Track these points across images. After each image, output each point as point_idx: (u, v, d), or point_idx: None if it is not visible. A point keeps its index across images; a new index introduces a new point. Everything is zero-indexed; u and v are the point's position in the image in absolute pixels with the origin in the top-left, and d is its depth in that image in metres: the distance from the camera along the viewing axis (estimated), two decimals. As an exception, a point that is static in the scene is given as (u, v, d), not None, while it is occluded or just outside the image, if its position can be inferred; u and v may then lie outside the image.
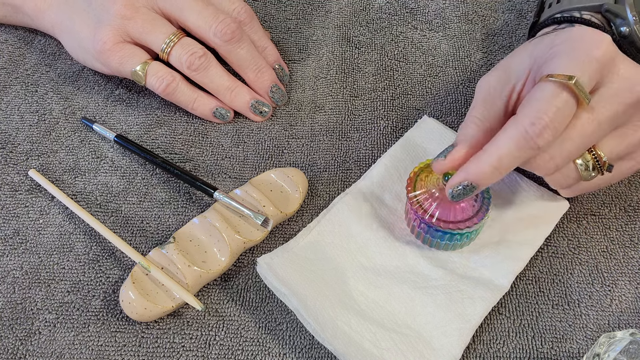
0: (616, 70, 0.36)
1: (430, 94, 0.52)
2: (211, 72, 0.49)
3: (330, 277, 0.41)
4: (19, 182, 0.47)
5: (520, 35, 0.56)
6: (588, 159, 0.38)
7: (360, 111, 0.51)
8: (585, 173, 0.38)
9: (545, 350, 0.39)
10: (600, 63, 0.35)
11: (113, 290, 0.42)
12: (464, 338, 0.38)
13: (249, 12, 0.51)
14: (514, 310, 0.41)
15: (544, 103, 0.34)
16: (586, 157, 0.38)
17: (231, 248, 0.41)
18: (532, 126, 0.34)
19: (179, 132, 0.50)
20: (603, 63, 0.35)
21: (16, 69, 0.54)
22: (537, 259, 0.43)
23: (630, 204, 0.45)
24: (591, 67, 0.35)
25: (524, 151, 0.35)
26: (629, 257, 0.43)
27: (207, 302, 0.41)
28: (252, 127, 0.51)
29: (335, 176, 0.48)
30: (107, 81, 0.54)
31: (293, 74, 0.54)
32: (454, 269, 0.41)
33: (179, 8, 0.48)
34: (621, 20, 0.43)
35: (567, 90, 0.34)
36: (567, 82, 0.34)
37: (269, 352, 0.39)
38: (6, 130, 0.50)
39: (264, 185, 0.45)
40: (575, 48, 0.35)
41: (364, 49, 0.56)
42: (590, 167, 0.38)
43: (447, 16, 0.58)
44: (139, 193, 0.47)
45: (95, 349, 0.39)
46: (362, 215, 0.44)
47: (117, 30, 0.48)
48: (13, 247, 0.44)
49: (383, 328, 0.39)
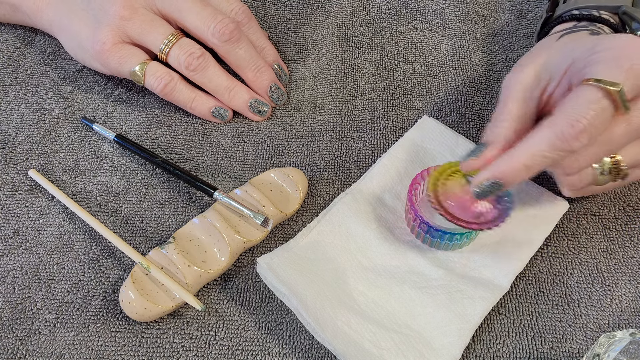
0: None
1: (430, 94, 0.52)
2: (209, 72, 0.49)
3: (330, 277, 0.41)
4: (19, 182, 0.47)
5: (520, 35, 0.56)
6: (606, 164, 0.38)
7: (360, 111, 0.51)
8: (601, 177, 0.38)
9: (545, 350, 0.39)
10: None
11: (113, 290, 0.42)
12: (464, 338, 0.38)
13: (247, 12, 0.51)
14: (514, 310, 0.41)
15: (583, 106, 0.34)
16: (605, 162, 0.38)
17: (231, 248, 0.41)
18: (569, 128, 0.33)
19: (178, 132, 0.50)
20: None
21: (16, 69, 0.54)
22: (537, 259, 0.43)
23: (630, 204, 0.45)
24: (634, 77, 0.34)
25: (557, 152, 0.34)
26: (629, 257, 0.43)
27: (207, 302, 0.41)
28: (252, 127, 0.51)
29: (335, 176, 0.48)
30: (107, 81, 0.54)
31: (293, 73, 0.54)
32: (454, 269, 0.41)
33: (177, 9, 0.48)
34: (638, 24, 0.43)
35: (609, 96, 0.34)
36: (610, 89, 0.33)
37: (269, 352, 0.39)
38: (6, 130, 0.50)
39: (264, 185, 0.45)
40: (620, 56, 0.35)
41: (364, 49, 0.56)
42: (607, 172, 0.38)
43: (447, 16, 0.58)
44: (139, 193, 0.47)
45: (95, 349, 0.39)
46: (362, 215, 0.44)
47: (116, 30, 0.48)
48: (13, 247, 0.44)
49: (383, 328, 0.39)
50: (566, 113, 0.34)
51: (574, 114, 0.34)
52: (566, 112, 0.34)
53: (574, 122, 0.33)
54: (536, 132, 0.35)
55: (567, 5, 0.45)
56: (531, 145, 0.35)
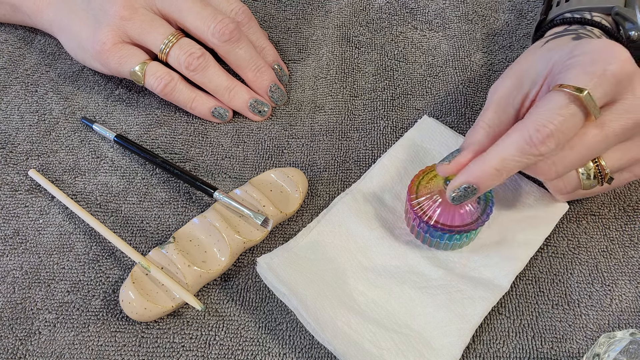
0: (632, 88, 0.35)
1: (430, 94, 0.52)
2: (209, 72, 0.49)
3: (330, 277, 0.41)
4: (19, 182, 0.47)
5: (520, 35, 0.56)
6: (590, 169, 0.38)
7: (360, 111, 0.51)
8: (586, 182, 0.39)
9: (545, 350, 0.39)
10: (616, 78, 0.34)
11: (113, 290, 0.42)
12: (464, 338, 0.38)
13: (247, 12, 0.51)
14: (514, 310, 0.41)
15: (551, 112, 0.34)
16: (589, 167, 0.38)
17: (231, 248, 0.41)
18: (536, 132, 0.34)
19: (179, 132, 0.50)
20: (619, 79, 0.35)
21: (16, 69, 0.54)
22: (537, 259, 0.43)
23: (629, 204, 0.45)
24: (607, 82, 0.34)
25: (526, 156, 0.34)
26: (629, 257, 0.43)
27: (207, 302, 0.41)
28: (252, 127, 0.51)
29: (335, 176, 0.48)
30: (107, 81, 0.54)
31: (293, 73, 0.54)
32: (454, 269, 0.41)
33: (177, 9, 0.48)
34: (631, 24, 0.43)
35: (577, 102, 0.34)
36: (577, 94, 0.34)
37: (269, 352, 0.39)
38: (6, 130, 0.50)
39: (264, 185, 0.45)
40: (594, 61, 0.35)
41: (364, 49, 0.56)
42: (592, 177, 0.38)
43: (447, 16, 0.58)
44: (139, 193, 0.47)
45: (95, 349, 0.39)
46: (362, 215, 0.44)
47: (116, 31, 0.48)
48: (13, 247, 0.44)
49: (383, 328, 0.39)
50: (535, 117, 0.34)
51: (541, 119, 0.34)
52: (535, 116, 0.34)
53: (541, 126, 0.34)
54: (506, 136, 0.35)
55: (560, 8, 0.45)
56: (501, 150, 0.35)
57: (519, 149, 0.34)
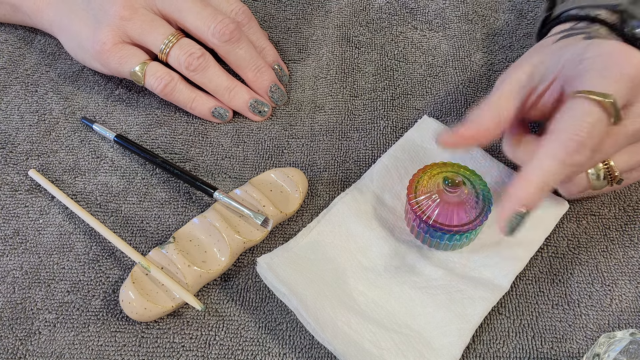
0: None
1: (430, 94, 0.52)
2: (210, 73, 0.49)
3: (330, 277, 0.41)
4: (19, 182, 0.47)
5: (520, 35, 0.56)
6: (600, 170, 0.39)
7: (360, 111, 0.51)
8: (596, 182, 0.39)
9: (545, 350, 0.39)
10: (632, 81, 0.35)
11: (113, 290, 0.42)
12: (464, 338, 0.38)
13: (247, 12, 0.51)
14: (514, 310, 0.41)
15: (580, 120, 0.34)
16: (598, 168, 0.39)
17: (231, 248, 0.41)
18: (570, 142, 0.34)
19: (179, 132, 0.50)
20: (636, 82, 0.35)
21: (16, 69, 0.54)
22: (537, 259, 0.43)
23: (630, 204, 0.45)
24: (624, 85, 0.34)
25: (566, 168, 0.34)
26: (629, 257, 0.43)
27: (207, 302, 0.41)
28: (252, 127, 0.51)
29: (335, 176, 0.48)
30: (107, 81, 0.54)
31: (293, 73, 0.54)
32: (454, 269, 0.41)
33: (177, 9, 0.48)
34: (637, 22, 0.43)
35: (601, 107, 0.34)
36: (601, 100, 0.34)
37: (269, 352, 0.39)
38: (6, 130, 0.50)
39: (264, 185, 0.45)
40: (608, 65, 0.35)
41: (364, 49, 0.56)
42: (602, 177, 0.39)
43: (447, 16, 0.58)
44: (139, 193, 0.47)
45: (95, 349, 0.39)
46: (362, 215, 0.44)
47: (116, 31, 0.48)
48: (13, 247, 0.44)
49: (383, 328, 0.39)
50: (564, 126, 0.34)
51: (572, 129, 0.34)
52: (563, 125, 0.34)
53: (573, 136, 0.34)
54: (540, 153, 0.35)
55: (565, 4, 0.45)
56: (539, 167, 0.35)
57: (559, 161, 0.34)
